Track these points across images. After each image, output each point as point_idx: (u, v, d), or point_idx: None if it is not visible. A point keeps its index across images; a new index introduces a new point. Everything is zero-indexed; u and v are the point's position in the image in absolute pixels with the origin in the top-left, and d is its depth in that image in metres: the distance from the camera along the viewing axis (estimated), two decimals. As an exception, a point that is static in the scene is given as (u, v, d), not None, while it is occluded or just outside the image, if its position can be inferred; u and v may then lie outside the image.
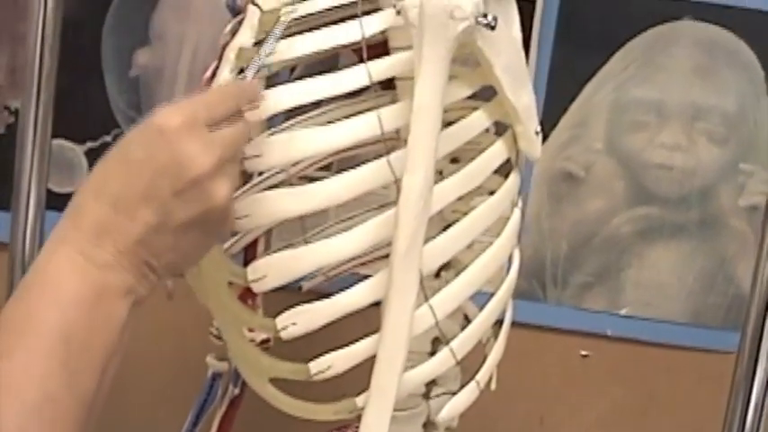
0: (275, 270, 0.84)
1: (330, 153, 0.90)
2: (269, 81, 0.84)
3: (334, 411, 0.88)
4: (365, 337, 0.85)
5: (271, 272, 0.84)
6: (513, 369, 1.04)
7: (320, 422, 0.89)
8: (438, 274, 0.92)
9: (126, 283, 0.72)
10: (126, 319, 0.72)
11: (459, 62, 0.85)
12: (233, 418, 1.07)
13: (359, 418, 0.84)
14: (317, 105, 0.89)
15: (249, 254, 0.99)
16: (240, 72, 0.83)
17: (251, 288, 0.86)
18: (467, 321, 0.93)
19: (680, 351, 1.33)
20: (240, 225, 0.83)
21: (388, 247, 0.82)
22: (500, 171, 0.91)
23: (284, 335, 0.85)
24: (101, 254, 0.71)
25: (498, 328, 0.97)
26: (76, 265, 0.70)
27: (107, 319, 0.71)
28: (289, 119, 0.92)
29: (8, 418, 0.66)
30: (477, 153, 0.89)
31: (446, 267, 0.91)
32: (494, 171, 0.90)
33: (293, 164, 0.93)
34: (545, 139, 1.12)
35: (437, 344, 0.91)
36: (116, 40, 1.27)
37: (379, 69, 0.84)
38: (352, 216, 1.01)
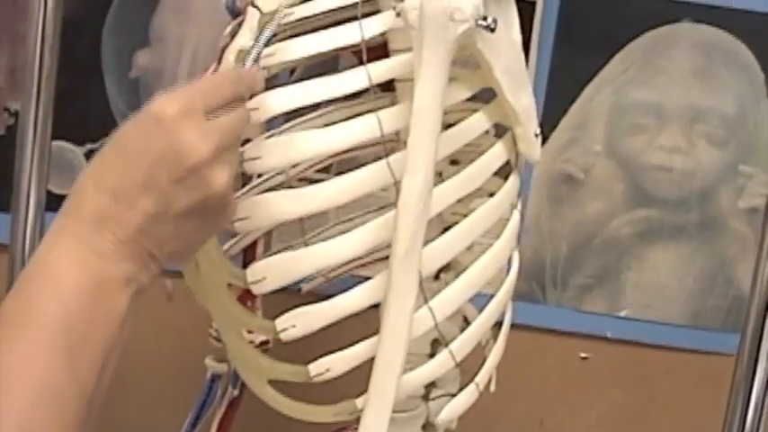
0: (275, 272, 0.84)
1: (330, 155, 0.90)
2: (268, 83, 0.84)
3: (333, 413, 0.88)
4: (365, 339, 0.85)
5: (270, 274, 0.84)
6: (513, 371, 1.04)
7: (319, 424, 0.89)
8: (437, 276, 0.92)
9: (127, 273, 0.72)
10: (127, 311, 0.72)
11: (459, 64, 0.85)
12: (232, 420, 1.06)
13: (358, 419, 0.84)
14: (316, 107, 0.89)
15: (249, 256, 0.99)
16: None
17: (250, 290, 0.86)
18: (466, 323, 0.92)
19: (680, 353, 1.32)
20: (240, 227, 0.83)
21: (388, 249, 0.82)
22: (500, 173, 0.91)
23: (284, 337, 0.85)
24: (101, 243, 0.71)
25: (498, 329, 0.97)
26: (77, 255, 0.70)
27: (108, 310, 0.71)
28: (288, 121, 0.91)
29: (9, 409, 0.66)
30: (477, 155, 0.89)
31: (446, 269, 0.91)
32: (493, 173, 0.90)
33: (293, 166, 0.93)
34: (545, 141, 1.12)
35: (436, 346, 0.91)
36: (116, 41, 1.27)
37: (378, 71, 0.84)
38: (352, 218, 1.01)
